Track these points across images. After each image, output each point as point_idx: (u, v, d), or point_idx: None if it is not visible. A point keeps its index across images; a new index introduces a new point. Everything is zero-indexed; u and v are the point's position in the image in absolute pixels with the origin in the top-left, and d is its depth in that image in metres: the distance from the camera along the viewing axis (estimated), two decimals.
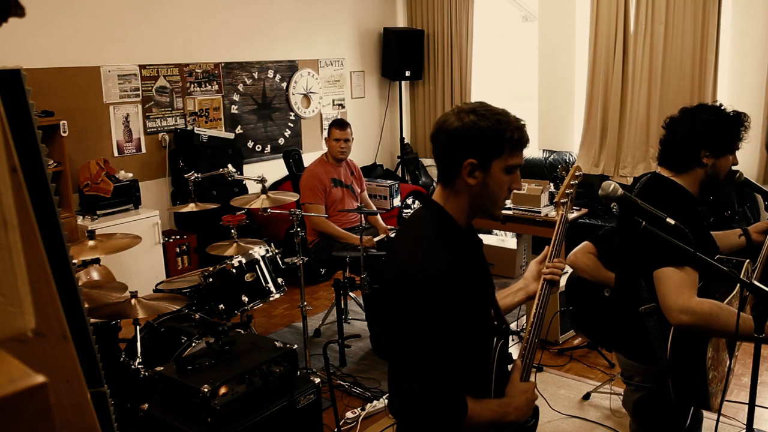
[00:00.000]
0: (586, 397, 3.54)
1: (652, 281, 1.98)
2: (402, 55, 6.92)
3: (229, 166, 4.19)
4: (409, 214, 6.31)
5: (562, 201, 1.82)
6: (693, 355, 1.89)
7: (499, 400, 1.58)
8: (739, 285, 1.99)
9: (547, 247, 1.78)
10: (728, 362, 2.03)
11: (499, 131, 1.48)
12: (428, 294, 1.45)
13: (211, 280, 3.44)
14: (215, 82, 5.73)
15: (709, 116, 2.03)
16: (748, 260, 2.14)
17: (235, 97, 5.89)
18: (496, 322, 1.67)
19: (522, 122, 1.53)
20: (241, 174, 5.42)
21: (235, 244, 3.73)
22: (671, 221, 1.79)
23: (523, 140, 1.52)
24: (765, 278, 1.92)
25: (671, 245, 1.81)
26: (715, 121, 2.02)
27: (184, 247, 5.19)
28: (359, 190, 4.79)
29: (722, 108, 2.06)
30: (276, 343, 2.70)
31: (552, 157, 6.27)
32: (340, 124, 4.54)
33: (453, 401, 1.46)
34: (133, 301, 2.95)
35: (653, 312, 1.98)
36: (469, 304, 1.54)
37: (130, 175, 5.00)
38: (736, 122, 2.04)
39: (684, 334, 1.90)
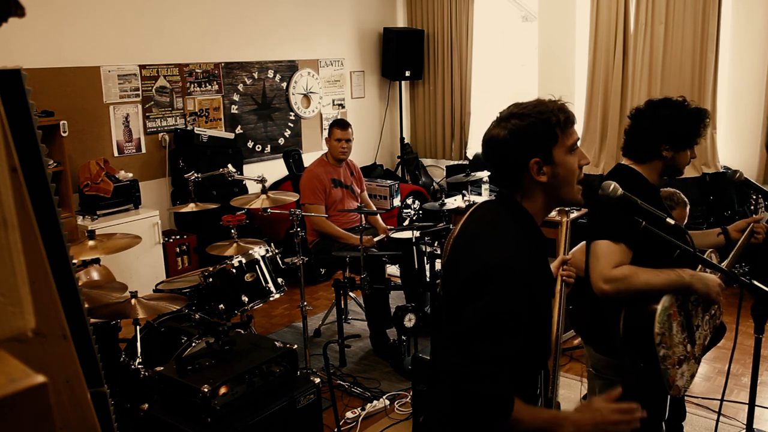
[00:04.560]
0: (586, 397, 3.54)
1: None
2: (402, 55, 6.92)
3: (229, 166, 4.19)
4: (410, 213, 6.31)
5: (565, 209, 1.90)
6: (641, 332, 1.94)
7: (556, 411, 1.54)
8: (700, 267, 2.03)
9: (561, 252, 1.85)
10: (688, 347, 2.03)
11: (544, 121, 1.49)
12: (510, 292, 1.43)
13: (211, 280, 3.44)
14: (215, 82, 5.73)
15: (671, 112, 2.09)
16: (711, 249, 2.24)
17: (235, 97, 5.89)
18: None
19: (560, 101, 1.55)
20: (241, 174, 5.42)
21: (235, 244, 3.73)
22: (671, 221, 1.80)
23: (569, 117, 1.53)
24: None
25: (613, 220, 1.90)
26: (677, 116, 2.08)
27: (184, 247, 5.19)
28: (359, 191, 4.79)
29: (685, 104, 2.12)
30: (276, 343, 2.70)
31: None
32: (341, 124, 4.54)
33: (501, 396, 1.42)
34: (133, 301, 2.95)
35: None
36: (544, 304, 1.54)
37: (130, 175, 5.00)
38: (697, 118, 2.10)
39: (632, 313, 1.95)
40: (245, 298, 3.45)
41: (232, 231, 3.81)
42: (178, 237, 5.20)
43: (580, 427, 1.44)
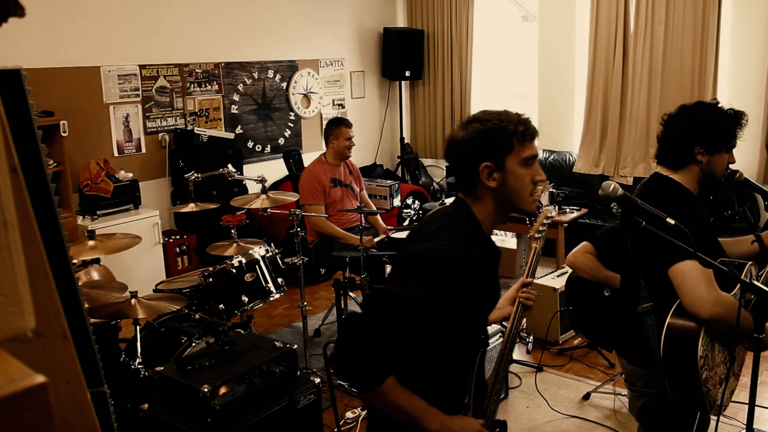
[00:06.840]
0: (586, 397, 3.54)
1: (652, 280, 1.98)
2: (402, 55, 6.92)
3: (229, 166, 4.19)
4: (410, 214, 6.31)
5: (536, 236, 1.87)
6: (684, 354, 1.89)
7: (432, 408, 1.53)
8: (738, 286, 1.98)
9: (525, 275, 1.83)
10: (729, 365, 2.02)
11: (502, 128, 1.53)
12: (429, 283, 1.48)
13: (211, 280, 3.44)
14: (215, 82, 5.73)
15: (704, 113, 2.03)
16: (751, 262, 2.13)
17: (235, 97, 5.89)
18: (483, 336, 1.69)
19: (524, 116, 1.58)
20: (241, 174, 5.41)
21: (235, 244, 3.73)
22: (671, 221, 1.79)
23: (529, 131, 1.56)
24: None
25: (679, 239, 1.81)
26: (710, 117, 2.03)
27: (184, 247, 5.19)
28: (358, 189, 4.79)
29: (719, 105, 2.06)
30: (276, 343, 2.70)
31: (552, 157, 6.27)
32: (348, 123, 4.54)
33: (375, 365, 1.46)
34: (133, 301, 2.95)
35: (651, 311, 1.98)
36: (467, 307, 1.55)
37: (130, 175, 5.00)
38: (732, 119, 2.05)
39: (675, 335, 1.90)
40: (245, 298, 3.45)
41: (232, 231, 3.81)
42: (178, 237, 5.20)
43: (446, 428, 1.51)
